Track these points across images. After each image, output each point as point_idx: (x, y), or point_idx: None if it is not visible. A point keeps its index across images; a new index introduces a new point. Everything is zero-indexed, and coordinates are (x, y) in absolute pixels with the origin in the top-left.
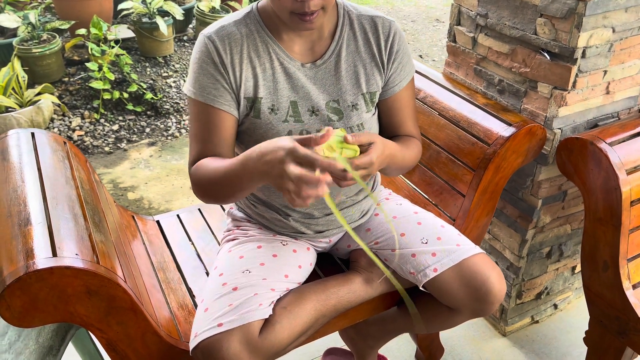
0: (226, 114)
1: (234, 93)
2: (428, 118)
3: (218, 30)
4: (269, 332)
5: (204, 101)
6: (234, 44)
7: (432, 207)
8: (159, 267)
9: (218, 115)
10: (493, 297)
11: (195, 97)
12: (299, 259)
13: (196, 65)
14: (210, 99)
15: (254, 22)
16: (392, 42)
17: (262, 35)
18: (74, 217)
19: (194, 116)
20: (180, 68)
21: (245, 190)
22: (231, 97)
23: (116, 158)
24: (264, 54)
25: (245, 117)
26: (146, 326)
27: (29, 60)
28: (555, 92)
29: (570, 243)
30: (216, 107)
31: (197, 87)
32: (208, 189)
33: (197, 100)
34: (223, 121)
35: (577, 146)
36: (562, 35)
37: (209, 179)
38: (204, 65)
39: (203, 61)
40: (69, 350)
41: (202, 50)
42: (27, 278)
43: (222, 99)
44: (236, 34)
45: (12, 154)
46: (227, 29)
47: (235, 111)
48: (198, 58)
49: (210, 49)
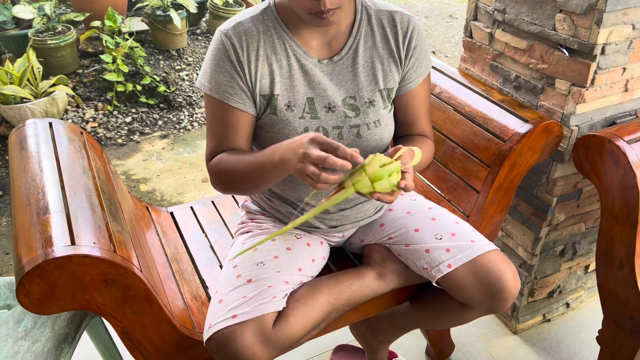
0: (242, 112)
1: (249, 91)
2: (443, 113)
3: (235, 26)
4: (282, 324)
5: (220, 98)
6: (250, 40)
7: (446, 203)
8: (172, 258)
9: (234, 113)
10: (507, 294)
11: (210, 93)
12: (313, 253)
13: (212, 61)
14: (226, 96)
15: (271, 18)
16: (411, 37)
17: (279, 31)
18: (91, 207)
19: (210, 111)
20: (193, 61)
21: (265, 183)
22: (246, 96)
23: (129, 150)
24: (280, 50)
25: (262, 113)
26: (161, 316)
27: (44, 51)
28: (573, 89)
29: (585, 242)
30: (232, 105)
31: (214, 84)
32: (229, 182)
33: (212, 97)
34: (239, 119)
35: (594, 144)
36: (582, 32)
37: (230, 172)
38: (220, 63)
39: (219, 58)
40: (83, 338)
41: (218, 47)
42: (46, 266)
43: (237, 97)
44: (253, 30)
45: (30, 144)
46: (244, 25)
47: (251, 109)
48: (214, 54)
49: (227, 46)
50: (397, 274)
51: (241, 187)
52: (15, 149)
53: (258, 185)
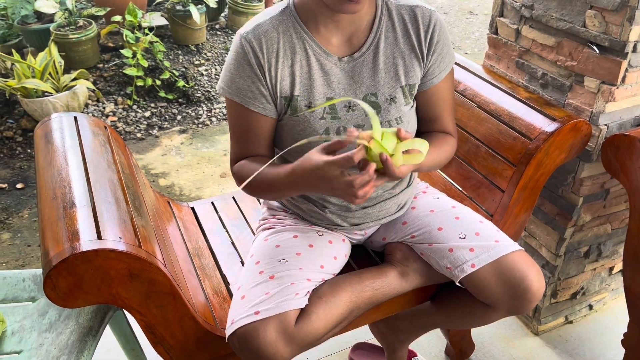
0: (262, 117)
1: (270, 94)
2: (467, 111)
3: (254, 28)
4: (305, 321)
5: (240, 102)
6: (270, 42)
7: (469, 202)
8: (194, 253)
9: (255, 117)
10: (531, 295)
11: (231, 98)
12: (334, 250)
13: (232, 65)
14: (246, 101)
15: (290, 18)
16: (433, 32)
17: (298, 31)
18: (116, 201)
19: (231, 115)
20: (212, 56)
21: (288, 195)
22: (266, 100)
23: (148, 144)
24: (300, 51)
25: (283, 114)
26: (184, 311)
27: (66, 45)
28: (603, 87)
29: (610, 243)
30: (252, 110)
31: (234, 88)
32: (254, 190)
33: (233, 101)
34: (260, 123)
35: (624, 143)
36: (613, 29)
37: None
38: (240, 67)
39: (239, 62)
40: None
41: (238, 51)
42: (73, 259)
43: (258, 101)
44: (272, 32)
45: (55, 137)
46: (263, 27)
47: (272, 112)
48: (234, 59)
49: (247, 50)
50: (420, 273)
51: (266, 196)
52: (41, 143)
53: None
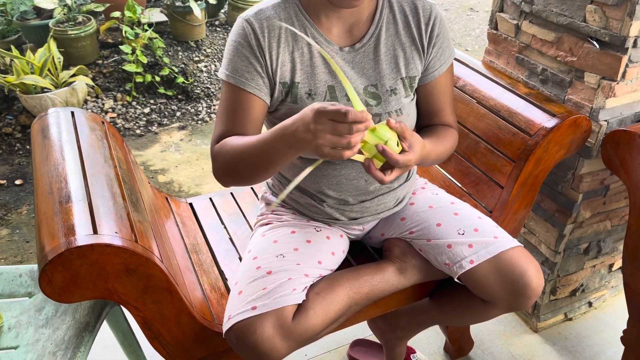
0: (256, 98)
1: (268, 78)
2: (467, 107)
3: (257, 13)
4: (302, 317)
5: (235, 84)
6: (271, 27)
7: (468, 198)
8: (191, 249)
9: (247, 98)
10: (530, 292)
11: (227, 80)
12: (332, 246)
13: (232, 47)
14: (242, 82)
15: (292, 6)
16: (433, 25)
17: (300, 19)
18: (113, 196)
19: (224, 98)
20: (212, 53)
21: (272, 165)
22: (263, 82)
23: (147, 141)
24: (301, 38)
25: (281, 103)
26: (181, 306)
27: (65, 41)
28: (603, 83)
29: (610, 240)
30: (246, 90)
31: (231, 70)
32: (232, 166)
33: (228, 83)
34: (252, 104)
35: (624, 139)
36: (613, 24)
37: (234, 154)
38: (239, 48)
39: (239, 44)
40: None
41: (239, 33)
42: (68, 254)
43: (254, 82)
44: (274, 18)
45: (52, 132)
46: (265, 13)
47: (266, 96)
48: (234, 40)
49: (248, 32)
50: (418, 269)
51: (247, 173)
52: (38, 138)
53: (267, 168)
